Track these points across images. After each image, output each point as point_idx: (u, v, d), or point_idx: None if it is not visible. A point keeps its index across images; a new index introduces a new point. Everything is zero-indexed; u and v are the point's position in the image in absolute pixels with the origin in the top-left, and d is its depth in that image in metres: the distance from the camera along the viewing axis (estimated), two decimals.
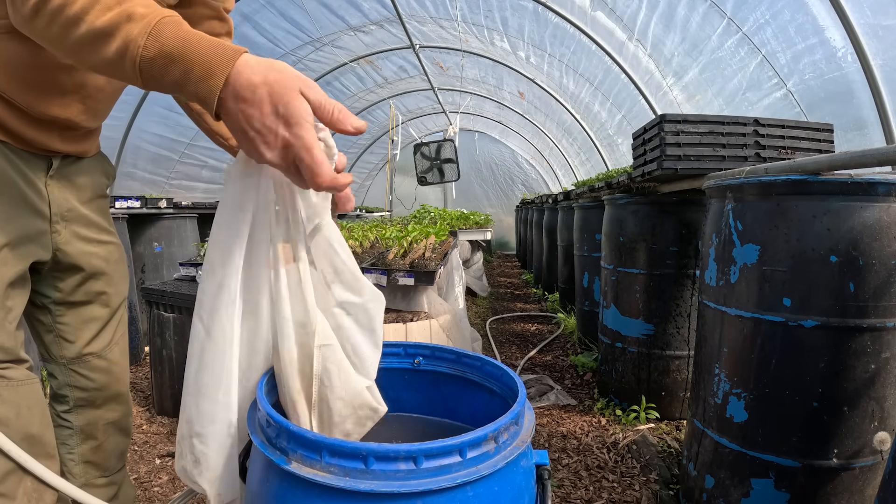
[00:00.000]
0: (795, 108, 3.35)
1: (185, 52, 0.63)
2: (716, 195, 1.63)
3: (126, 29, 0.64)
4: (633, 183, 2.54)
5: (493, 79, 7.98)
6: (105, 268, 1.13)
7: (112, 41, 0.65)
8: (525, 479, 0.69)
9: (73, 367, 1.12)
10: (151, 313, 2.54)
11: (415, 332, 2.30)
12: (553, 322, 4.72)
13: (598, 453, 2.22)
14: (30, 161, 0.96)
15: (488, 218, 6.52)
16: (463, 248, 5.54)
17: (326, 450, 0.60)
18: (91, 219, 1.10)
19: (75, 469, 1.14)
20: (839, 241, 1.31)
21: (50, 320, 1.09)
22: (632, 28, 4.35)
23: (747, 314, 1.46)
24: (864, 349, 1.32)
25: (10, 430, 0.86)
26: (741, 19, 3.46)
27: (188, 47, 0.63)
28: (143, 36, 0.64)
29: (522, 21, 5.40)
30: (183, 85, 0.65)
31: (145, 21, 0.64)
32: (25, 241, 0.95)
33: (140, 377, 3.10)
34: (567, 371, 3.34)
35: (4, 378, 0.88)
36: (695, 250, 2.42)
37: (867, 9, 2.62)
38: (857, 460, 1.36)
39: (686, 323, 2.46)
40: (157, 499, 1.86)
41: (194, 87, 0.64)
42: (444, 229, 3.39)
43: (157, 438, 2.32)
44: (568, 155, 8.91)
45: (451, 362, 0.96)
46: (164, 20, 0.65)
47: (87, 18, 0.65)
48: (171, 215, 3.85)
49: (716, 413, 1.56)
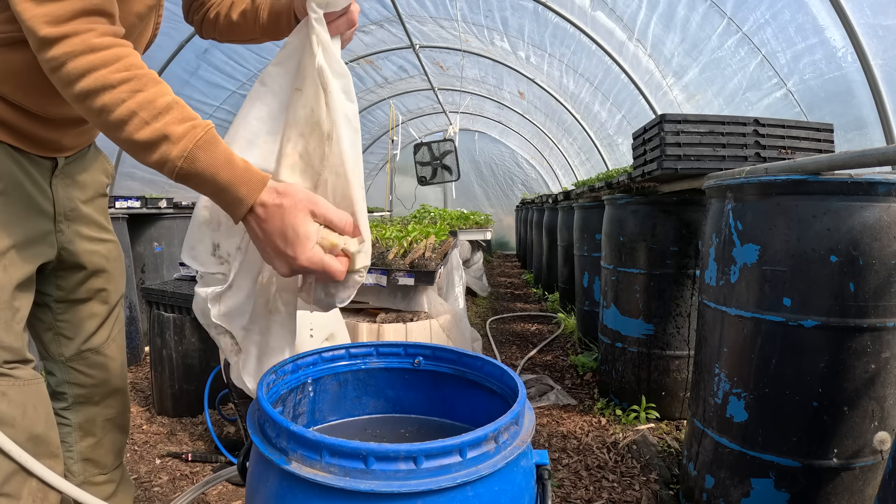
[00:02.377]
0: (795, 107, 3.35)
1: (216, 179, 0.73)
2: (716, 195, 1.63)
3: (164, 148, 0.72)
4: (633, 183, 2.54)
5: (493, 79, 7.98)
6: (106, 265, 1.14)
7: (151, 154, 0.72)
8: (525, 479, 0.69)
9: (72, 364, 1.13)
10: (151, 313, 2.54)
11: (415, 331, 2.31)
12: (553, 322, 4.72)
13: (598, 453, 2.22)
14: (36, 162, 0.97)
15: (488, 218, 6.52)
16: (463, 248, 5.54)
17: (326, 450, 0.60)
18: (92, 217, 1.12)
19: (74, 467, 1.15)
20: (839, 241, 1.31)
21: (50, 318, 1.10)
22: (632, 28, 4.35)
23: (747, 314, 1.46)
24: (864, 349, 1.32)
25: (16, 429, 0.87)
26: (741, 19, 3.46)
27: (220, 175, 0.73)
28: (180, 159, 0.72)
29: (522, 21, 5.40)
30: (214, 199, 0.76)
31: (181, 145, 0.72)
32: (34, 242, 0.95)
33: (140, 377, 3.10)
34: (567, 371, 3.34)
35: (12, 377, 0.88)
36: (695, 250, 2.42)
37: (867, 9, 2.62)
38: (857, 460, 1.36)
39: (686, 323, 2.46)
40: (157, 499, 1.86)
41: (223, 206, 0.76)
42: (444, 229, 3.39)
43: (157, 438, 2.32)
44: (568, 155, 8.91)
45: (451, 362, 0.96)
46: (199, 144, 0.72)
47: (126, 129, 0.71)
48: (171, 215, 3.85)
49: (716, 413, 1.56)
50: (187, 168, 0.72)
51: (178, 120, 0.72)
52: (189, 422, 2.47)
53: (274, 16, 1.04)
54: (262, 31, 1.07)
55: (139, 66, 0.74)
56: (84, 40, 0.70)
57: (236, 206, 0.75)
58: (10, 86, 0.87)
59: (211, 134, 0.74)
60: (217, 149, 0.73)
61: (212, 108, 5.89)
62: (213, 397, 2.29)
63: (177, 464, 2.11)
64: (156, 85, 0.73)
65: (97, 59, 0.71)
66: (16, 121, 0.90)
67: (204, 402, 2.23)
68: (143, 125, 0.71)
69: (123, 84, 0.71)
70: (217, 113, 5.98)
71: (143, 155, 0.73)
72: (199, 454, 2.13)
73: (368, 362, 0.99)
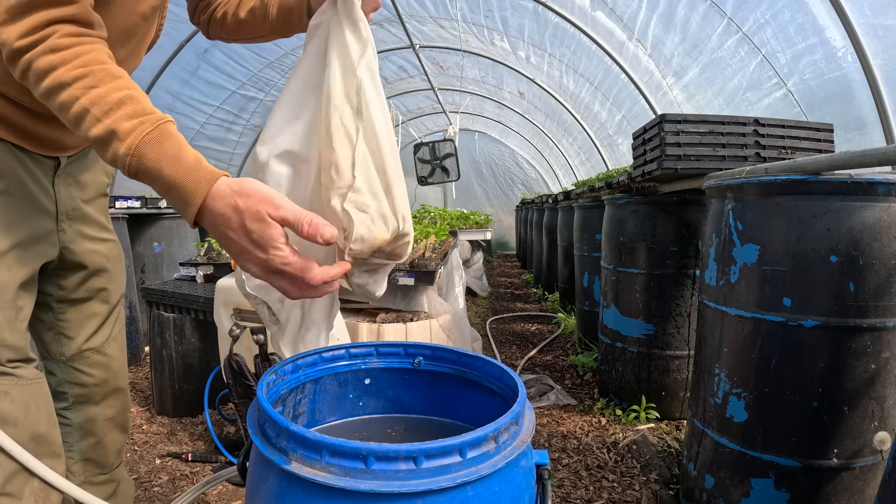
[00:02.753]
0: (795, 107, 3.35)
1: (160, 176, 0.69)
2: (716, 195, 1.63)
3: (114, 145, 0.70)
4: (633, 183, 2.54)
5: (493, 79, 7.98)
6: (106, 265, 1.15)
7: (105, 151, 0.71)
8: (525, 479, 0.69)
9: (73, 363, 1.13)
10: (151, 313, 2.54)
11: (415, 331, 2.31)
12: (553, 322, 4.72)
13: (598, 453, 2.22)
14: (39, 162, 0.97)
15: (488, 218, 6.53)
16: (463, 248, 5.54)
17: (326, 450, 0.60)
18: (93, 217, 1.12)
19: (74, 467, 1.15)
20: (839, 241, 1.31)
21: (51, 318, 1.10)
22: (632, 28, 4.35)
23: (747, 314, 1.46)
24: (864, 349, 1.32)
25: (19, 428, 0.87)
26: (741, 19, 3.46)
27: (164, 172, 0.69)
28: (128, 156, 0.69)
29: (522, 21, 5.40)
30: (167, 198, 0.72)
31: (128, 142, 0.69)
32: (36, 242, 0.96)
33: (140, 377, 3.10)
34: (567, 371, 3.34)
35: (15, 376, 0.88)
36: (695, 250, 2.42)
37: (867, 9, 2.62)
38: (857, 460, 1.36)
39: (686, 323, 2.46)
40: (157, 499, 1.86)
41: (174, 205, 0.72)
42: (444, 229, 3.39)
43: (157, 438, 2.32)
44: (568, 155, 8.90)
45: (451, 362, 0.96)
46: (145, 140, 0.69)
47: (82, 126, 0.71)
48: (171, 215, 3.85)
49: (716, 413, 1.56)
50: (136, 165, 0.69)
51: (128, 116, 0.70)
52: (189, 422, 2.47)
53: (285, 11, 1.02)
54: (272, 28, 1.06)
55: (98, 62, 0.72)
56: (47, 44, 0.71)
57: (184, 205, 0.70)
58: (13, 86, 0.87)
59: (161, 129, 0.71)
60: (166, 144, 0.70)
61: (212, 108, 5.88)
62: (213, 397, 2.29)
63: (177, 464, 2.11)
64: (112, 80, 0.71)
65: (56, 58, 0.71)
66: (19, 120, 0.90)
67: (204, 402, 2.23)
68: (96, 122, 0.70)
69: (78, 81, 0.70)
70: (217, 113, 5.98)
71: (99, 152, 0.72)
72: (199, 454, 2.13)
73: (368, 362, 0.99)
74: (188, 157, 0.71)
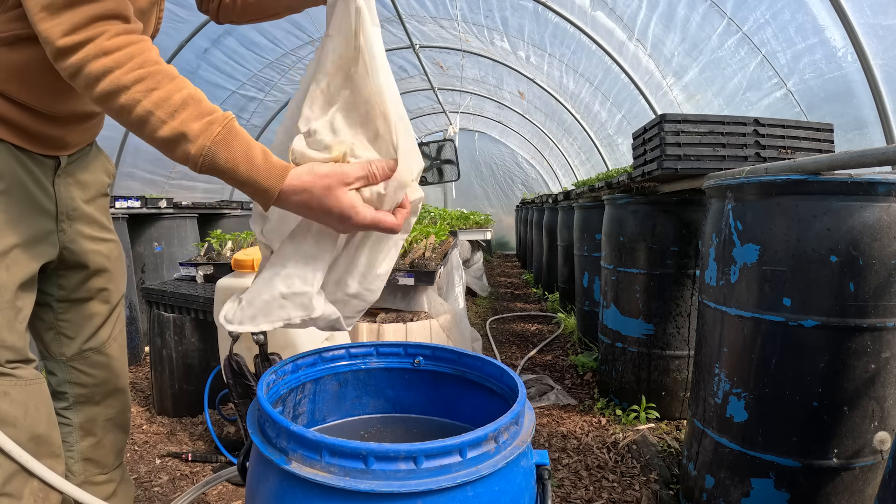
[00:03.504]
0: (795, 107, 3.35)
1: (236, 173, 0.74)
2: (716, 195, 1.63)
3: (183, 146, 0.73)
4: (633, 183, 2.54)
5: (493, 79, 7.98)
6: (107, 265, 1.15)
7: (173, 151, 0.74)
8: (525, 479, 0.69)
9: (73, 363, 1.13)
10: (151, 313, 2.54)
11: (415, 331, 2.31)
12: (553, 322, 4.72)
13: (598, 453, 2.22)
14: (39, 161, 0.97)
15: (488, 218, 6.53)
16: (463, 247, 5.54)
17: (326, 450, 0.60)
18: (94, 217, 1.12)
19: (75, 467, 1.15)
20: (839, 241, 1.31)
21: (51, 318, 1.10)
22: (632, 28, 4.35)
23: (747, 314, 1.46)
24: (864, 349, 1.32)
25: (18, 429, 0.87)
26: (741, 19, 3.46)
27: (239, 170, 0.74)
28: (200, 157, 0.73)
29: (522, 21, 5.40)
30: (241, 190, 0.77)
31: (199, 143, 0.73)
32: (36, 242, 0.96)
33: (140, 377, 3.10)
34: (567, 371, 3.34)
35: (14, 377, 0.88)
36: (695, 250, 2.42)
37: (867, 8, 2.62)
38: (857, 460, 1.36)
39: (686, 323, 2.46)
40: (157, 499, 1.86)
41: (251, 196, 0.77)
42: (444, 229, 3.39)
43: (157, 438, 2.32)
44: (568, 155, 8.90)
45: (451, 362, 0.96)
46: (216, 140, 0.73)
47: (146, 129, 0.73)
48: (171, 215, 3.85)
49: (716, 413, 1.56)
50: (208, 164, 0.73)
51: (194, 117, 0.72)
52: (189, 422, 2.47)
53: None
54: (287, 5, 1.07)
55: (153, 62, 0.73)
56: (97, 45, 0.71)
57: (261, 197, 0.76)
58: (14, 84, 0.87)
59: (228, 128, 0.74)
60: (235, 143, 0.74)
61: None
62: (213, 397, 2.29)
63: (177, 464, 2.11)
64: (171, 81, 0.73)
65: (110, 61, 0.71)
66: (20, 119, 0.90)
67: (204, 402, 2.23)
68: (161, 124, 0.72)
69: (137, 84, 0.71)
70: None
71: (166, 152, 0.75)
72: (199, 454, 2.13)
73: (368, 362, 0.99)
74: (257, 154, 0.75)
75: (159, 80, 0.72)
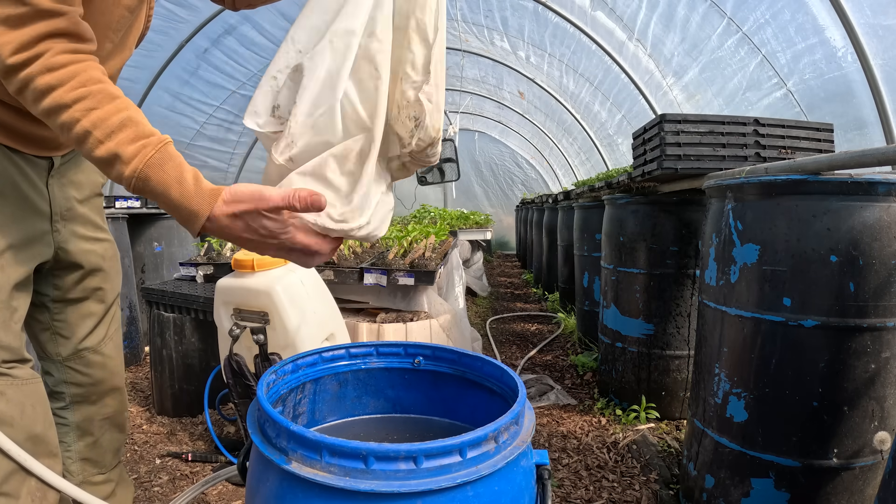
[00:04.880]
0: (795, 107, 3.35)
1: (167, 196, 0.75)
2: (716, 195, 1.63)
3: (118, 167, 0.74)
4: (633, 183, 2.54)
5: (493, 78, 7.98)
6: (102, 264, 1.15)
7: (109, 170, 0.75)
8: (525, 479, 0.69)
9: (69, 363, 1.14)
10: (151, 313, 2.54)
11: (415, 331, 2.31)
12: (553, 322, 4.72)
13: (598, 453, 2.22)
14: (32, 163, 0.97)
15: (488, 218, 6.53)
16: (463, 247, 5.54)
17: (326, 449, 0.60)
18: (88, 217, 1.12)
19: (73, 466, 1.15)
20: (839, 241, 1.31)
21: (47, 318, 1.11)
22: (632, 28, 4.35)
23: (747, 314, 1.46)
24: (864, 349, 1.32)
25: (15, 429, 0.87)
26: (741, 19, 3.46)
27: (170, 193, 0.74)
28: (133, 179, 0.74)
29: (522, 21, 5.40)
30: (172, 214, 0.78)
31: (132, 165, 0.73)
32: (31, 242, 0.96)
33: (140, 377, 3.10)
34: (567, 371, 3.34)
35: (10, 377, 0.88)
36: (695, 250, 2.42)
37: (867, 8, 2.62)
38: (857, 460, 1.36)
39: (686, 323, 2.46)
40: (157, 499, 1.86)
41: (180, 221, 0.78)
42: (444, 229, 3.39)
43: (157, 438, 2.32)
44: (568, 155, 8.90)
45: (451, 362, 0.96)
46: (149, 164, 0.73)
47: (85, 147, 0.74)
48: (170, 216, 3.84)
49: (716, 413, 1.56)
50: (141, 186, 0.74)
51: (130, 139, 0.73)
52: (189, 422, 2.47)
53: None
54: None
55: (95, 81, 0.74)
56: (43, 62, 0.72)
57: (190, 221, 0.76)
58: (4, 87, 0.87)
59: (163, 152, 0.74)
60: (168, 167, 0.74)
61: (212, 108, 5.88)
62: (213, 397, 2.29)
63: (177, 464, 2.11)
64: (111, 101, 0.74)
65: (53, 78, 0.72)
66: (11, 121, 0.90)
67: (204, 402, 2.23)
68: (98, 144, 0.72)
69: (78, 103, 0.72)
70: (217, 113, 5.97)
71: (103, 170, 0.75)
72: (199, 454, 2.13)
73: (368, 362, 0.99)
74: (188, 179, 0.76)
75: (99, 99, 0.73)
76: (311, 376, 0.94)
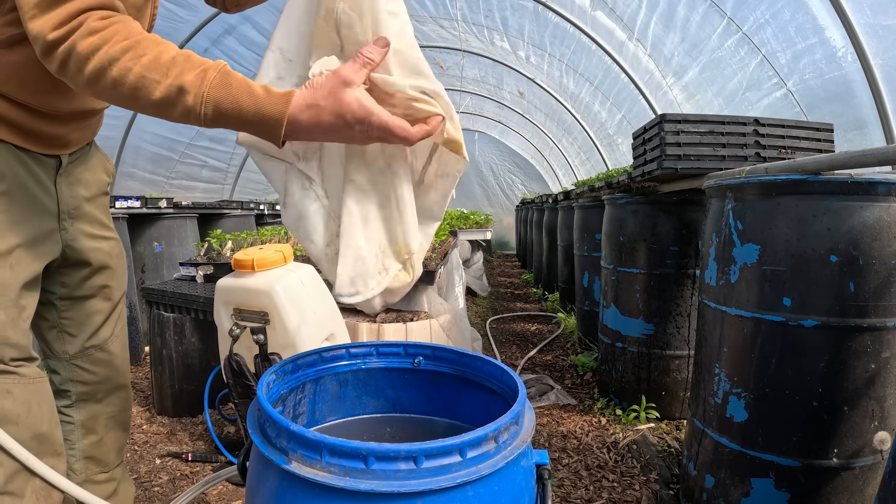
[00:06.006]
0: (795, 107, 3.35)
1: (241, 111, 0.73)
2: (716, 195, 1.63)
3: (182, 101, 0.72)
4: (633, 183, 2.54)
5: (493, 78, 7.97)
6: (109, 262, 1.16)
7: (174, 109, 0.73)
8: (525, 479, 0.69)
9: (76, 361, 1.14)
10: (151, 313, 2.54)
11: (415, 331, 2.31)
12: (553, 322, 4.72)
13: (598, 453, 2.22)
14: (41, 161, 0.97)
15: (488, 218, 6.52)
16: (463, 247, 5.54)
17: (326, 449, 0.60)
18: (95, 215, 1.13)
19: (76, 465, 1.16)
20: (839, 241, 1.31)
21: (54, 316, 1.11)
22: (632, 28, 4.35)
23: (747, 314, 1.46)
24: (864, 349, 1.32)
25: (20, 427, 0.87)
26: (741, 19, 3.46)
27: (244, 107, 0.73)
28: (200, 105, 0.72)
29: (522, 21, 5.40)
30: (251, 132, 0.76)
31: (196, 91, 0.72)
32: (39, 241, 0.96)
33: (140, 377, 3.10)
34: (567, 371, 3.34)
35: (17, 375, 0.89)
36: (695, 250, 2.42)
37: (867, 8, 2.62)
38: (857, 460, 1.36)
39: (686, 323, 2.46)
40: (157, 499, 1.86)
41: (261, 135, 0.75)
42: (444, 229, 3.39)
43: (157, 438, 2.32)
44: (568, 155, 8.90)
45: (451, 362, 0.96)
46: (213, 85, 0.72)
47: (142, 95, 0.72)
48: (171, 215, 3.85)
49: (716, 413, 1.56)
50: (211, 111, 0.72)
51: (187, 69, 0.72)
52: (189, 422, 2.47)
53: None
54: None
55: (138, 33, 0.74)
56: (84, 28, 0.72)
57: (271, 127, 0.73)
58: (13, 85, 0.88)
59: (223, 73, 0.74)
60: (233, 83, 0.73)
61: None
62: (213, 397, 2.29)
63: (177, 464, 2.11)
64: (157, 45, 0.74)
65: (97, 39, 0.72)
66: (21, 119, 0.90)
67: (204, 401, 2.23)
68: (156, 85, 0.72)
69: (126, 53, 0.72)
70: None
71: (167, 113, 0.74)
72: (199, 454, 2.13)
73: (368, 362, 0.99)
74: (257, 89, 0.74)
75: (146, 46, 0.73)
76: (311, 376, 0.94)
